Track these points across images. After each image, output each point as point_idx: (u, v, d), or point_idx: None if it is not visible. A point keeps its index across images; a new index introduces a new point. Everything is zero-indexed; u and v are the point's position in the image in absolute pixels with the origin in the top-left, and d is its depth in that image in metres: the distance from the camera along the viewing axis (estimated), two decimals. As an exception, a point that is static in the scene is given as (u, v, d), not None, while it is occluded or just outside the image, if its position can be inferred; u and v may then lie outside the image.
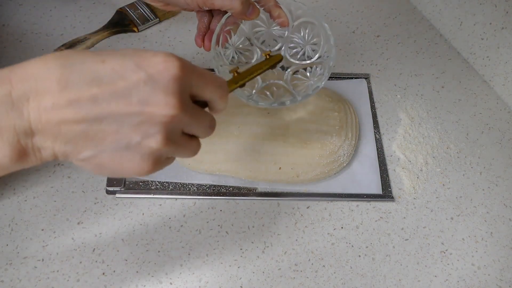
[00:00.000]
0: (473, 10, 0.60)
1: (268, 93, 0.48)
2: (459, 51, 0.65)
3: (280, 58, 0.44)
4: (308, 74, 0.49)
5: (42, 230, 0.44)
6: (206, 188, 0.48)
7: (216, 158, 0.48)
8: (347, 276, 0.44)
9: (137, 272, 0.42)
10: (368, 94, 0.58)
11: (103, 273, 0.42)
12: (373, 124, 0.55)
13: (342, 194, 0.49)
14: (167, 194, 0.47)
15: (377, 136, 0.54)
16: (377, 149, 0.53)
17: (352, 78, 0.60)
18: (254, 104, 0.45)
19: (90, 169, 0.27)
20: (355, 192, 0.49)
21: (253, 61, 0.49)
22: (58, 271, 0.42)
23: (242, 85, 0.39)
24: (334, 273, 0.44)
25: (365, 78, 0.60)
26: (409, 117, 0.56)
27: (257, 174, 0.48)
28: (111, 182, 0.47)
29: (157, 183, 0.48)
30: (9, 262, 0.42)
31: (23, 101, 0.23)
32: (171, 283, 0.42)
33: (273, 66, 0.44)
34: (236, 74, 0.39)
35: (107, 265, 0.43)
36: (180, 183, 0.48)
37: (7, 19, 0.62)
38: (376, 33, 0.67)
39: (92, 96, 0.24)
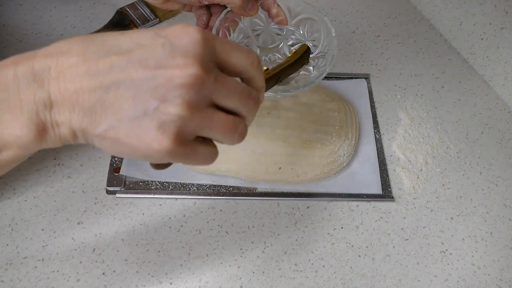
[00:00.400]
0: (473, 10, 0.60)
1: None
2: (459, 51, 0.65)
3: (306, 48, 0.42)
4: (310, 68, 0.49)
5: (42, 230, 0.44)
6: (206, 188, 0.48)
7: (216, 158, 0.48)
8: (347, 276, 0.44)
9: (137, 272, 0.42)
10: (368, 94, 0.58)
11: (103, 273, 0.42)
12: (373, 124, 0.55)
13: (342, 194, 0.49)
14: (167, 194, 0.47)
15: (377, 136, 0.54)
16: (377, 149, 0.53)
17: (352, 78, 0.60)
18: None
19: (109, 148, 0.25)
20: (355, 192, 0.49)
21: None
22: (58, 271, 0.42)
23: (278, 80, 0.37)
24: (334, 273, 0.44)
25: (365, 78, 0.60)
26: (409, 117, 0.56)
27: (257, 174, 0.48)
28: (111, 182, 0.47)
29: (157, 183, 0.48)
30: (9, 262, 0.42)
31: (44, 72, 0.23)
32: (171, 283, 0.42)
33: (302, 59, 0.42)
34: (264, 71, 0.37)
35: (107, 265, 0.43)
36: (180, 183, 0.48)
37: (7, 19, 0.62)
38: (376, 33, 0.67)
39: (109, 63, 0.23)
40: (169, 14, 0.65)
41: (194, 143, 0.26)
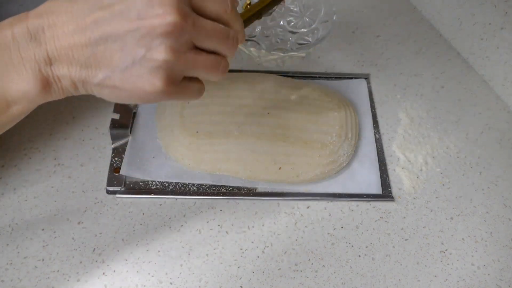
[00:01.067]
0: (473, 10, 0.60)
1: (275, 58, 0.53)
2: (459, 51, 0.65)
3: None
4: (309, 38, 0.55)
5: (42, 230, 0.44)
6: (206, 188, 0.48)
7: (216, 158, 0.48)
8: (347, 276, 0.44)
9: (137, 272, 0.42)
10: (368, 94, 0.58)
11: (103, 273, 0.42)
12: (373, 124, 0.55)
13: (342, 194, 0.49)
14: (167, 194, 0.47)
15: (377, 136, 0.54)
16: (377, 149, 0.53)
17: (352, 78, 0.60)
18: (265, 55, 0.48)
19: (108, 95, 0.28)
20: (355, 192, 0.49)
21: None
22: (58, 271, 0.42)
23: (259, 17, 0.40)
24: (334, 273, 0.44)
25: (365, 78, 0.60)
26: (409, 117, 0.56)
27: (257, 174, 0.48)
28: (111, 182, 0.47)
29: (157, 183, 0.48)
30: (9, 262, 0.42)
31: (39, 32, 0.26)
32: (171, 283, 0.42)
33: None
34: (248, 7, 0.41)
35: (107, 265, 0.43)
36: (180, 183, 0.48)
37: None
38: (376, 33, 0.67)
39: (95, 19, 0.26)
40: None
41: (183, 82, 0.29)
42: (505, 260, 0.46)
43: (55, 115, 0.53)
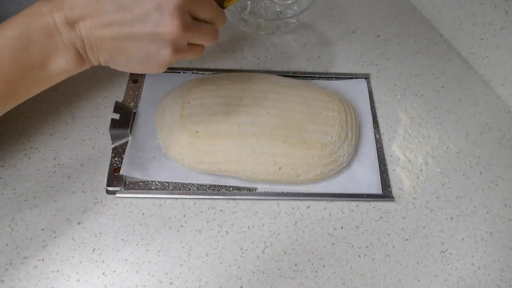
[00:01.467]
0: (473, 10, 0.60)
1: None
2: (459, 51, 0.65)
3: None
4: (295, 8, 0.65)
5: (42, 230, 0.44)
6: (206, 188, 0.48)
7: (216, 158, 0.48)
8: (347, 276, 0.44)
9: (137, 272, 0.42)
10: (368, 94, 0.58)
11: (103, 273, 0.42)
12: (373, 124, 0.55)
13: (342, 194, 0.49)
14: (167, 194, 0.47)
15: (377, 136, 0.54)
16: (377, 149, 0.53)
17: (352, 78, 0.60)
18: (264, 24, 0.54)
19: (125, 70, 0.39)
20: (355, 192, 0.49)
21: None
22: (58, 271, 0.42)
23: None
24: (334, 273, 0.44)
25: (365, 78, 0.60)
26: (409, 117, 0.56)
27: (257, 174, 0.48)
28: (111, 182, 0.47)
29: (157, 183, 0.48)
30: (9, 262, 0.42)
31: (75, 24, 0.34)
32: (171, 283, 0.42)
33: None
34: None
35: (107, 265, 0.43)
36: (180, 183, 0.48)
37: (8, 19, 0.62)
38: (376, 33, 0.67)
39: (120, 20, 0.34)
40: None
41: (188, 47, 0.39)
42: (505, 260, 0.46)
43: (55, 115, 0.53)
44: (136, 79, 0.57)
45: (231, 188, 0.48)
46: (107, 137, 0.51)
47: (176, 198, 0.47)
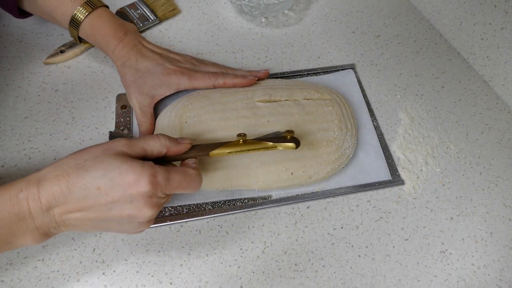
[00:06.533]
0: (473, 10, 0.60)
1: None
2: (459, 51, 0.65)
3: (272, 146, 0.44)
4: None
5: (42, 230, 0.44)
6: (221, 204, 0.47)
7: (227, 175, 0.47)
8: (347, 276, 0.44)
9: (137, 272, 0.42)
10: (357, 83, 0.59)
11: (103, 273, 0.42)
12: (369, 113, 0.56)
13: (354, 186, 0.49)
14: (183, 218, 0.46)
15: (374, 123, 0.55)
16: (378, 136, 0.53)
17: (338, 70, 0.60)
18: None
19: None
20: (365, 182, 0.49)
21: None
22: (58, 271, 0.42)
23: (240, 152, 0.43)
24: (334, 273, 0.44)
25: (351, 68, 0.60)
26: (409, 117, 0.56)
27: (270, 183, 0.47)
28: None
29: (170, 208, 0.46)
30: (9, 262, 0.42)
31: (50, 210, 0.35)
32: (171, 283, 0.42)
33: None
34: (241, 142, 0.42)
35: (107, 265, 0.43)
36: (194, 204, 0.47)
37: (7, 19, 0.62)
38: (376, 33, 0.67)
39: (95, 204, 0.35)
40: (169, 14, 0.65)
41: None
42: (505, 260, 0.46)
43: (55, 115, 0.53)
44: (124, 105, 0.54)
45: (246, 200, 0.47)
46: (106, 138, 0.51)
47: (193, 220, 0.46)
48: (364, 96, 0.58)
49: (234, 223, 0.46)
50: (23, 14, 0.55)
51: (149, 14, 0.63)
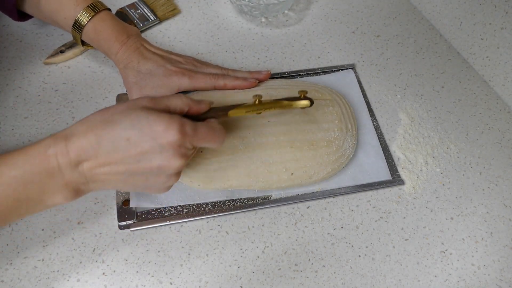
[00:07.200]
0: (473, 10, 0.60)
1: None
2: (459, 51, 0.65)
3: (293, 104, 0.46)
4: None
5: (42, 230, 0.44)
6: (221, 204, 0.47)
7: (226, 175, 0.47)
8: (347, 276, 0.44)
9: (137, 272, 0.42)
10: (357, 83, 0.59)
11: (103, 273, 0.42)
12: (369, 113, 0.56)
13: (354, 186, 0.49)
14: (183, 218, 0.45)
15: (374, 123, 0.55)
16: (378, 136, 0.53)
17: (338, 70, 0.60)
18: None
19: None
20: (365, 182, 0.49)
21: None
22: (58, 271, 0.42)
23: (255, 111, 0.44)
24: (334, 273, 0.44)
25: (351, 68, 0.60)
26: (409, 117, 0.56)
27: (270, 184, 0.47)
28: (122, 216, 0.45)
29: (170, 208, 0.46)
30: (9, 262, 0.42)
31: (78, 164, 0.34)
32: (171, 283, 0.42)
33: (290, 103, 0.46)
34: (257, 102, 0.43)
35: (107, 265, 0.43)
36: (194, 204, 0.47)
37: (7, 19, 0.62)
38: (376, 33, 0.67)
39: (124, 159, 0.35)
40: (169, 14, 0.65)
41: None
42: (505, 260, 0.46)
43: (55, 115, 0.53)
44: None
45: (246, 200, 0.47)
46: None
47: (193, 220, 0.46)
48: (364, 96, 0.58)
49: (234, 223, 0.46)
50: (22, 16, 0.55)
51: (149, 14, 0.63)
